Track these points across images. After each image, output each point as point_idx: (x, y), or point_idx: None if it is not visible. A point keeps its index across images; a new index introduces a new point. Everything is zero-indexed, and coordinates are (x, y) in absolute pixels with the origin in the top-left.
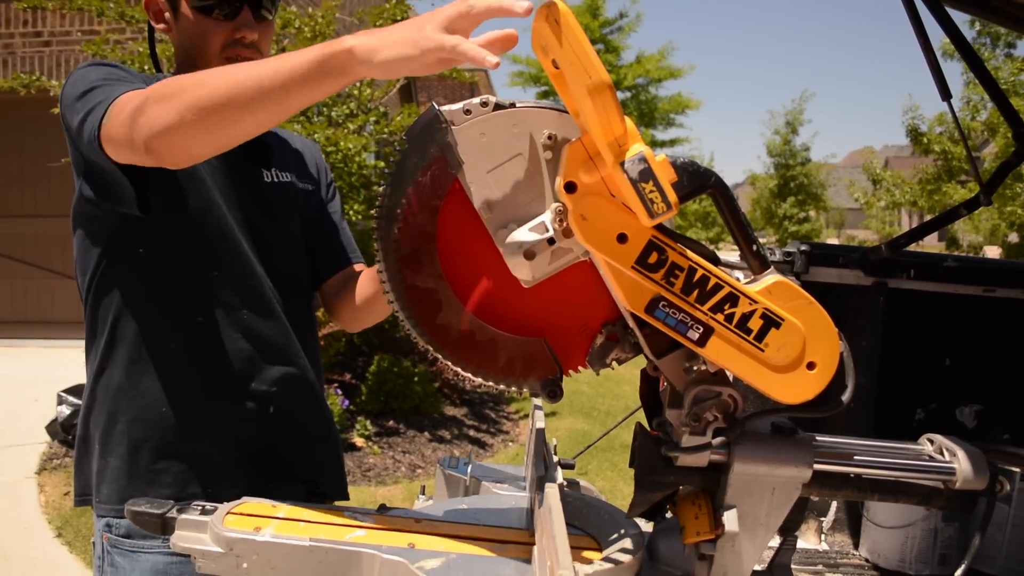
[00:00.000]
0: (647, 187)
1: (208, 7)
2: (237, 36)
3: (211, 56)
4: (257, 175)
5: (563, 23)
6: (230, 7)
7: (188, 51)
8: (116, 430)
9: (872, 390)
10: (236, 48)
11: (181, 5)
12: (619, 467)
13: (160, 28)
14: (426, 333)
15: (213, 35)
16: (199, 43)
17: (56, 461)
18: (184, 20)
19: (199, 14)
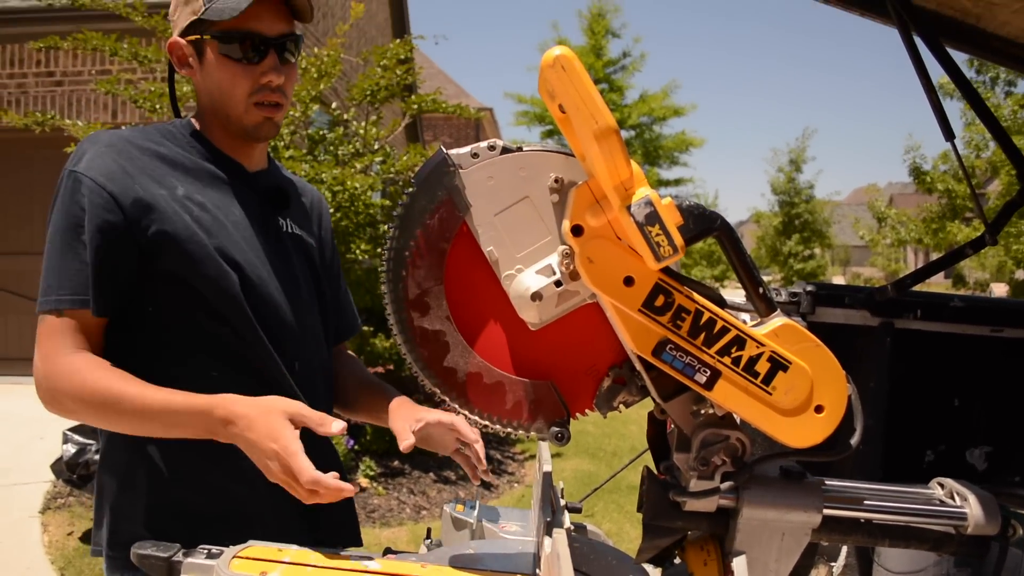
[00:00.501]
0: (653, 230)
1: (235, 52)
2: (264, 81)
3: (239, 101)
4: (276, 224)
5: (569, 69)
6: (256, 52)
7: (214, 96)
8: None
9: (880, 431)
10: (263, 93)
11: (207, 51)
12: (626, 509)
13: (184, 73)
14: (433, 375)
15: (240, 80)
16: (227, 88)
17: (60, 500)
18: (210, 65)
19: (226, 59)
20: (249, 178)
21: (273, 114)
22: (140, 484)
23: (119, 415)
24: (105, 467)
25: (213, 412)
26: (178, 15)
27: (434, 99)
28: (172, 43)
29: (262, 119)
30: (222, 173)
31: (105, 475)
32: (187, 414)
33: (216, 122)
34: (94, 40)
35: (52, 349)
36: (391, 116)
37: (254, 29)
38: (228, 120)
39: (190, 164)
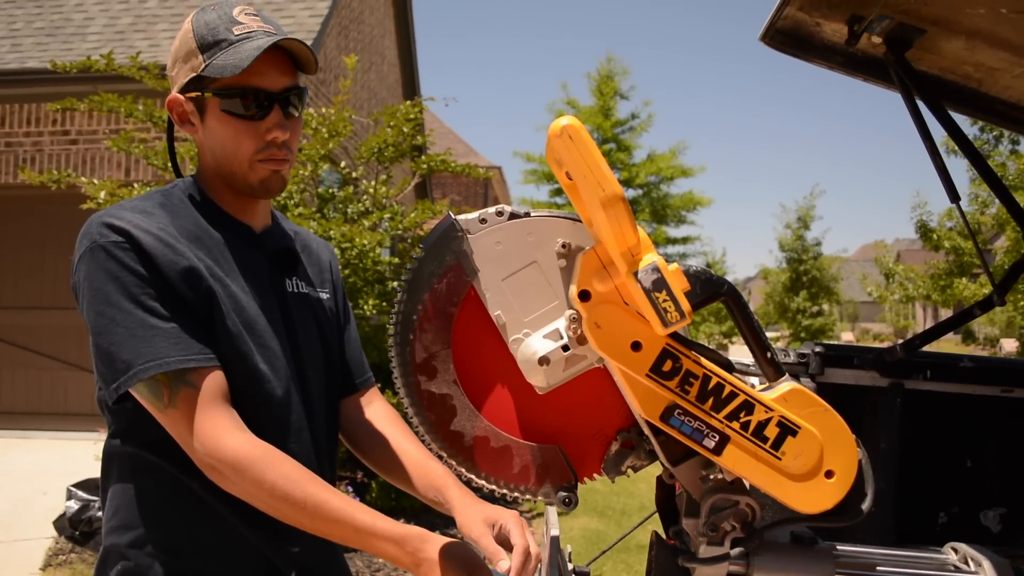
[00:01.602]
0: (660, 296)
1: (238, 109)
2: (269, 138)
3: (243, 159)
4: (283, 287)
5: (576, 139)
6: (260, 108)
7: (217, 154)
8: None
9: (892, 494)
10: (269, 151)
11: (208, 108)
12: (635, 569)
13: (185, 131)
14: (440, 439)
15: (244, 138)
16: (230, 147)
17: (62, 557)
18: (213, 122)
19: (228, 116)
20: (256, 240)
21: (279, 167)
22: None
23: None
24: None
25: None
26: (176, 71)
27: (443, 159)
28: (172, 100)
29: (269, 172)
30: (231, 238)
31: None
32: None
33: (220, 181)
34: (110, 102)
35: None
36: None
37: (257, 84)
38: (233, 178)
39: (202, 234)
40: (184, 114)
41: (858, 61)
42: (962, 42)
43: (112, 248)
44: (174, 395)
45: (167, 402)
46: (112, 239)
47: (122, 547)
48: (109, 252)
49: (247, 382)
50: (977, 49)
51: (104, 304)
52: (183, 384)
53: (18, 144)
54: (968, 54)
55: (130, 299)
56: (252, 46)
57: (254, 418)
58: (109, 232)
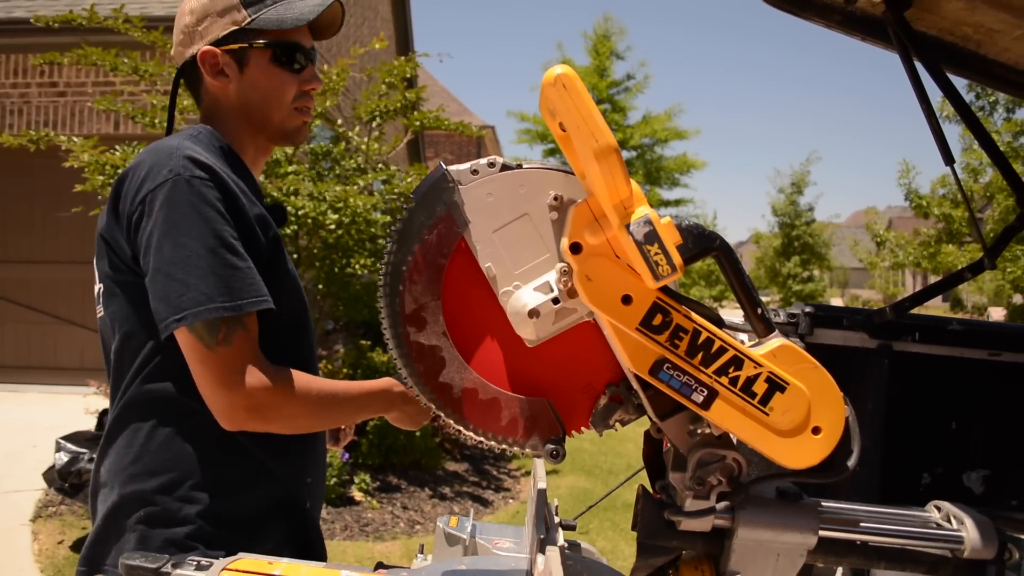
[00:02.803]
0: (652, 249)
1: (286, 61)
2: (307, 88)
3: (285, 106)
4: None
5: (570, 88)
6: (303, 61)
7: (254, 103)
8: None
9: (877, 454)
10: (305, 99)
11: (252, 59)
12: (621, 527)
13: (217, 82)
14: (429, 391)
15: (288, 87)
16: (275, 95)
17: (52, 509)
18: (255, 71)
19: (276, 68)
20: (259, 191)
21: (308, 118)
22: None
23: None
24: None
25: (392, 388)
26: (207, 24)
27: (437, 116)
28: (206, 52)
29: (301, 123)
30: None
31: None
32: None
33: (246, 128)
34: (94, 55)
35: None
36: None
37: (298, 40)
38: (267, 125)
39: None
40: (217, 65)
41: (856, 20)
42: (962, 2)
43: (197, 183)
44: (230, 334)
45: (221, 339)
46: (197, 174)
47: (147, 493)
48: (193, 186)
49: (302, 319)
50: (977, 10)
51: (186, 236)
52: (240, 326)
53: (5, 96)
54: (967, 15)
55: (214, 235)
56: (311, 3)
57: (300, 349)
58: (193, 167)
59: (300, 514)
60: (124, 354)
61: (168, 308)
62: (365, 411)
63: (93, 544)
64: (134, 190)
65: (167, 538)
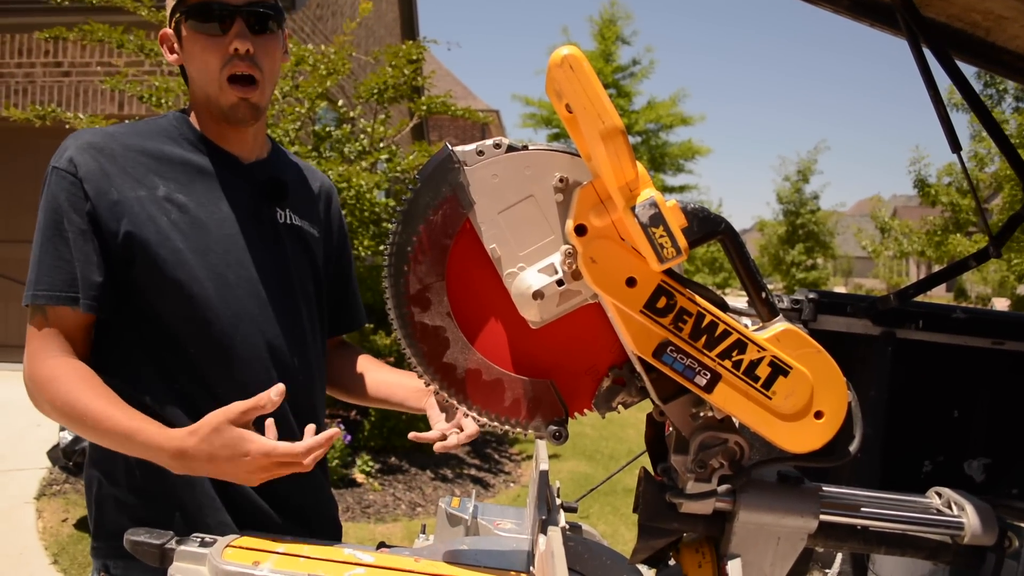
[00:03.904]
0: (657, 232)
1: (201, 24)
2: (231, 49)
3: (213, 77)
4: (271, 217)
5: (577, 69)
6: (221, 19)
7: (195, 77)
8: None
9: (879, 441)
10: (233, 64)
11: (183, 32)
12: (621, 512)
13: (172, 61)
14: (433, 371)
15: (210, 54)
16: (200, 65)
17: (56, 487)
18: (186, 43)
19: (195, 34)
20: (242, 170)
21: (248, 94)
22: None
23: (86, 430)
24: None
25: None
26: (167, 6)
27: (443, 101)
28: (163, 34)
29: (236, 100)
30: (210, 166)
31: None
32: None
33: (203, 108)
34: (100, 32)
35: (37, 349)
36: (398, 116)
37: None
38: (209, 102)
39: (177, 159)
40: (172, 46)
41: (865, 5)
42: None
43: (56, 173)
44: (31, 317)
45: (28, 320)
46: (62, 165)
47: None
48: (54, 175)
49: (182, 308)
50: None
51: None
52: (39, 313)
53: (9, 75)
54: (977, 1)
55: (53, 225)
56: None
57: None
58: (60, 159)
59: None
60: None
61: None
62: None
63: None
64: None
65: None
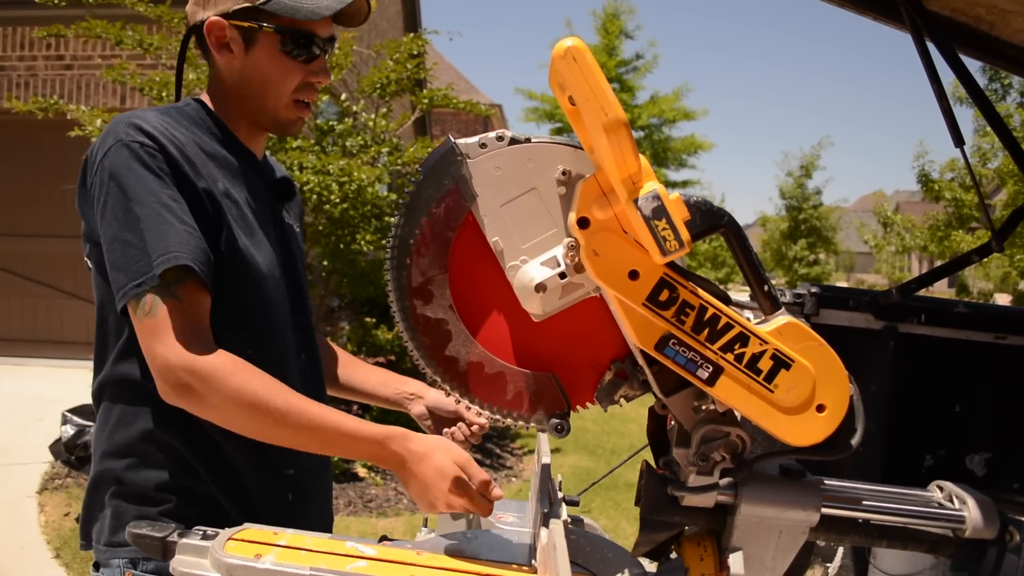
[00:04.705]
0: (660, 224)
1: (294, 50)
2: (313, 80)
3: (283, 96)
4: (281, 216)
5: (580, 61)
6: (311, 52)
7: (253, 85)
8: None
9: (881, 435)
10: (307, 92)
11: (259, 41)
12: (623, 506)
13: (221, 55)
14: (435, 364)
15: (292, 77)
16: (274, 81)
17: (58, 481)
18: (261, 54)
19: (282, 55)
20: (259, 168)
21: (305, 114)
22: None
23: (278, 426)
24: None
25: (387, 444)
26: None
27: (445, 94)
28: (214, 23)
29: (296, 118)
30: (242, 164)
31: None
32: (358, 440)
33: (242, 110)
34: (99, 28)
35: (188, 335)
36: (400, 110)
37: (313, 30)
38: (261, 111)
39: (219, 154)
40: (223, 38)
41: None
42: None
43: (139, 149)
44: (155, 305)
45: (147, 310)
46: (140, 140)
47: (118, 471)
48: (135, 152)
49: (255, 307)
50: None
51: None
52: (170, 296)
53: (11, 68)
54: None
55: (154, 199)
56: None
57: (257, 345)
58: (137, 133)
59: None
60: (105, 334)
61: (125, 276)
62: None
63: (83, 517)
64: (93, 161)
65: (139, 515)
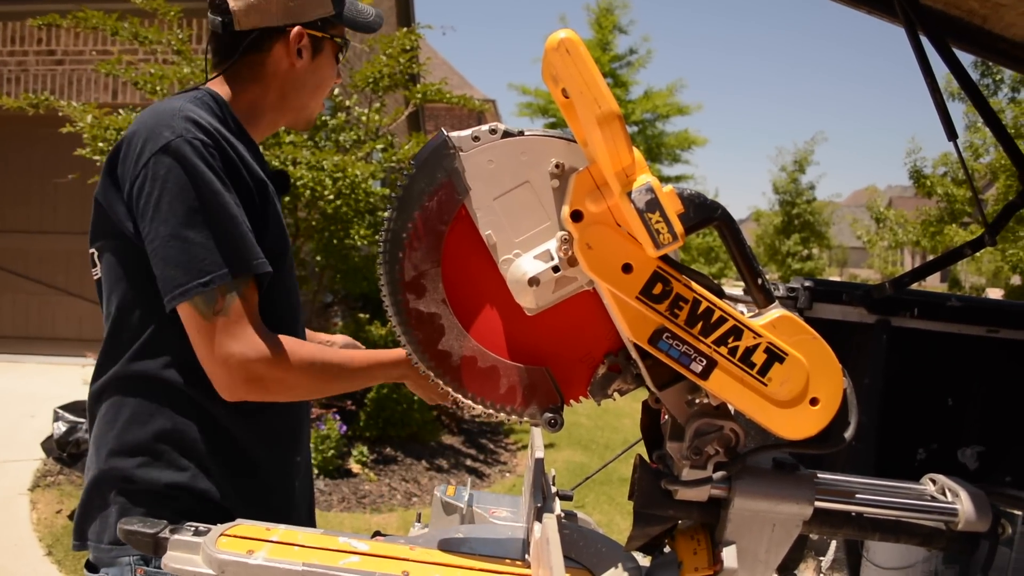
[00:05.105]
0: (654, 217)
1: (340, 53)
2: (336, 82)
3: (323, 97)
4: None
5: (574, 53)
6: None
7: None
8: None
9: (874, 428)
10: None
11: (325, 49)
12: (617, 501)
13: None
14: (428, 358)
15: (333, 80)
16: (326, 84)
17: (50, 478)
18: (323, 62)
19: (330, 58)
20: (261, 158)
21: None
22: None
23: (339, 380)
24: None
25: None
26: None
27: (439, 88)
28: (299, 32)
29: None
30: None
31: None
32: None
33: (276, 108)
34: (94, 19)
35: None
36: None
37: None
38: (302, 109)
39: (243, 149)
40: (300, 45)
41: None
42: None
43: (200, 146)
44: (228, 304)
45: (219, 309)
46: (201, 138)
47: (128, 469)
48: (196, 149)
49: (290, 292)
50: None
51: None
52: (237, 294)
53: (2, 64)
54: None
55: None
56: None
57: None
58: (195, 129)
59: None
60: (121, 329)
61: (186, 274)
62: (373, 380)
63: (79, 516)
64: (136, 153)
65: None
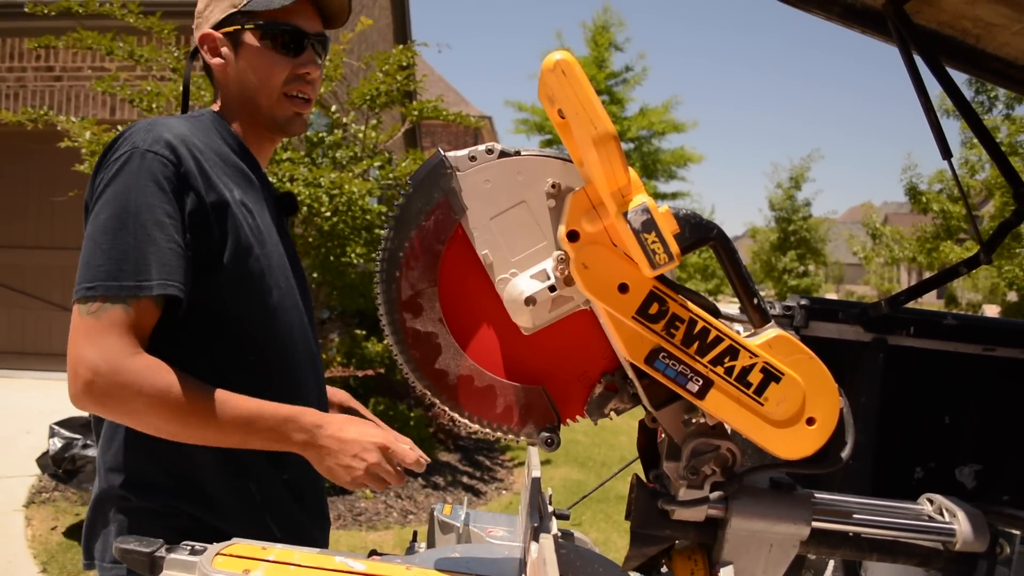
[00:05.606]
0: (649, 237)
1: (277, 42)
2: (301, 72)
3: (273, 90)
4: (285, 227)
5: (570, 74)
6: (296, 44)
7: (247, 85)
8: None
9: (871, 447)
10: (298, 84)
11: (245, 38)
12: (614, 519)
13: (215, 64)
14: (424, 377)
15: (278, 69)
16: (263, 76)
17: (45, 495)
18: (247, 53)
19: (266, 49)
20: (265, 181)
21: (302, 109)
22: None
23: (201, 421)
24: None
25: (303, 416)
26: (210, 10)
27: (435, 106)
28: (206, 35)
29: (292, 114)
30: (251, 172)
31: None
32: (275, 420)
33: (244, 115)
34: (90, 39)
35: (118, 344)
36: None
37: (296, 23)
38: (258, 111)
39: (232, 163)
40: (216, 47)
41: (856, 12)
42: None
43: (150, 157)
44: (104, 311)
45: (92, 311)
46: (155, 149)
47: (121, 487)
48: (145, 159)
49: (263, 316)
50: (976, 3)
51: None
52: (121, 304)
53: (0, 80)
54: (967, 8)
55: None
56: None
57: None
58: (157, 143)
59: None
60: None
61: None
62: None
63: (86, 534)
64: (105, 160)
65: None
